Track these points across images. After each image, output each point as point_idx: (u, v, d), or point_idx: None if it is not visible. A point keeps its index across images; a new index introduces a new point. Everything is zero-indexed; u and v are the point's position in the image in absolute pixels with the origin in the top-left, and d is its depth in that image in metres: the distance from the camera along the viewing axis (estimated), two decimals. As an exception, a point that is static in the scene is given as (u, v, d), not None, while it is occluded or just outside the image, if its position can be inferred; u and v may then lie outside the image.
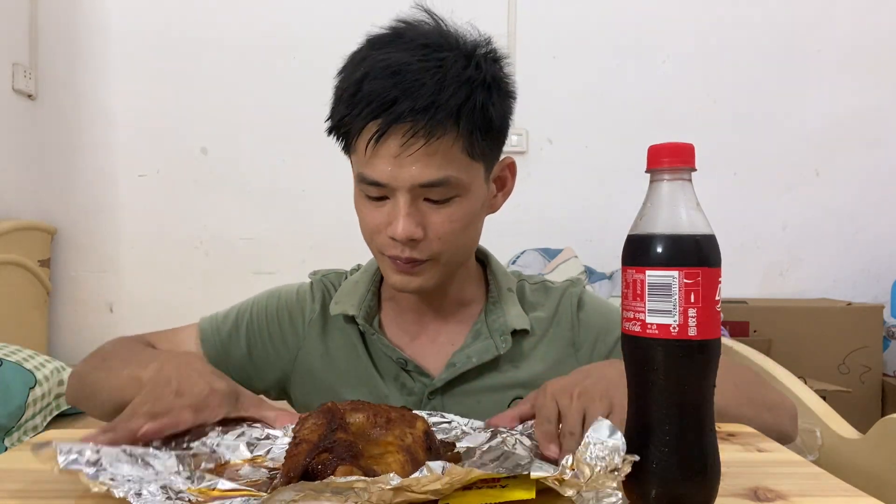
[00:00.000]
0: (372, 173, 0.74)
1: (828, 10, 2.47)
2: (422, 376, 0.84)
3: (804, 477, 0.60)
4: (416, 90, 0.70)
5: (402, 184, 0.73)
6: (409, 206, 0.73)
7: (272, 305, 0.92)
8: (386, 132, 0.71)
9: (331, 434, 0.52)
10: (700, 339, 0.47)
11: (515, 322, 0.85)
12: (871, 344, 2.14)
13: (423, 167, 0.72)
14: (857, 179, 2.49)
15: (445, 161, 0.72)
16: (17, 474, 0.58)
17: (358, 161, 0.76)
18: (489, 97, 0.74)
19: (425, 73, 0.71)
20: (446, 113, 0.71)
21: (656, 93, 2.45)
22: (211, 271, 2.40)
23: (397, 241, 0.74)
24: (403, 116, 0.70)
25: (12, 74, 2.23)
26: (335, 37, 2.50)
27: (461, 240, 0.78)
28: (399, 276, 0.78)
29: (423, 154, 0.71)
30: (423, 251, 0.76)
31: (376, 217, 0.76)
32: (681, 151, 0.49)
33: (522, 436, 0.65)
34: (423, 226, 0.74)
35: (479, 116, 0.73)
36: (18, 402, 1.45)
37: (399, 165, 0.72)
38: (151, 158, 2.42)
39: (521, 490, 0.47)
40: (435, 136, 0.71)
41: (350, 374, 0.86)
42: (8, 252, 2.08)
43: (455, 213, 0.76)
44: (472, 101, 0.72)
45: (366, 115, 0.72)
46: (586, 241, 2.36)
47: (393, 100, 0.70)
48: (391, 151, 0.72)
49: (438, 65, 0.72)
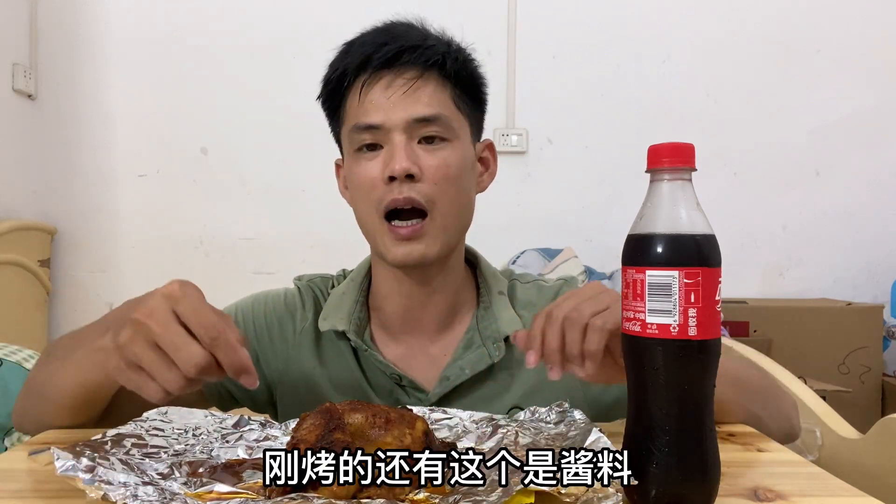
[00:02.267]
0: (366, 118, 0.77)
1: (828, 10, 2.47)
2: (416, 391, 0.82)
3: (804, 477, 0.60)
4: (404, 36, 0.79)
5: (396, 122, 0.76)
6: (405, 143, 0.76)
7: (259, 311, 0.89)
8: (376, 73, 0.77)
9: (328, 434, 0.52)
10: (700, 339, 0.47)
11: (508, 327, 0.83)
12: (871, 344, 2.14)
13: (415, 103, 0.77)
14: (857, 179, 2.49)
15: (435, 100, 0.78)
16: (17, 474, 0.58)
17: (350, 117, 0.80)
18: (466, 59, 0.83)
19: (412, 29, 0.81)
20: (433, 52, 0.78)
21: (656, 93, 2.45)
22: (211, 271, 2.39)
23: (396, 179, 0.75)
24: (392, 55, 0.77)
25: (12, 74, 2.23)
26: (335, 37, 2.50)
27: (454, 194, 0.79)
28: (401, 246, 0.77)
29: (412, 91, 0.77)
30: (421, 193, 0.76)
31: (371, 169, 0.78)
32: (681, 151, 0.49)
33: (523, 428, 0.65)
34: (418, 165, 0.76)
35: (461, 66, 0.81)
36: (18, 402, 1.45)
37: (392, 105, 0.76)
38: (151, 158, 2.42)
39: (520, 493, 0.47)
40: (423, 75, 0.77)
41: (343, 388, 0.84)
42: (8, 252, 2.08)
43: (448, 158, 0.78)
44: (453, 53, 0.80)
45: (358, 60, 0.78)
46: (586, 241, 2.36)
47: (383, 43, 0.78)
48: (383, 92, 0.77)
49: (421, 29, 0.82)
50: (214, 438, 0.63)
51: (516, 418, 0.68)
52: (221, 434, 0.64)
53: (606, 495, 0.45)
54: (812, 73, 2.48)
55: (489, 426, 0.66)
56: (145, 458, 0.56)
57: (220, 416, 0.68)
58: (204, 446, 0.62)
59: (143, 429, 0.62)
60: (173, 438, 0.62)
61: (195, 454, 0.60)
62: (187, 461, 0.58)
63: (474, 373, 0.82)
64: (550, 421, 0.66)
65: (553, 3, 2.45)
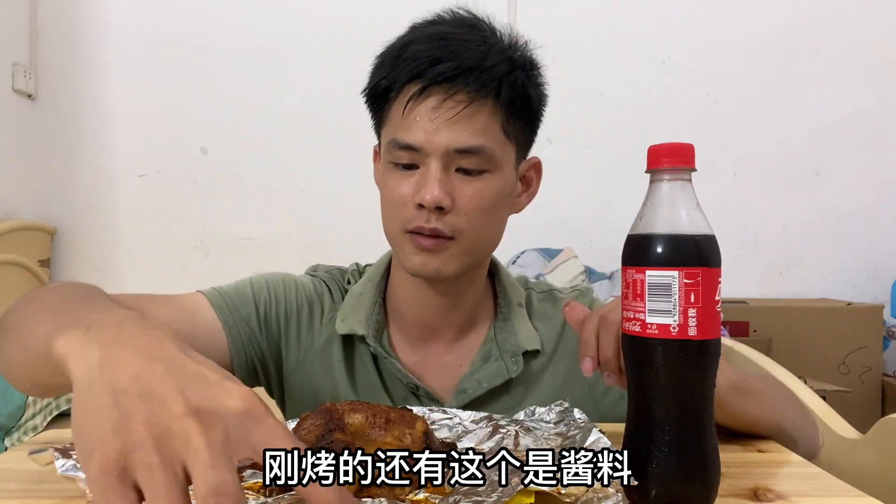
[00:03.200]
0: (406, 136, 0.72)
1: (828, 10, 2.47)
2: (432, 402, 0.81)
3: (804, 477, 0.60)
4: (461, 53, 0.71)
5: (436, 148, 0.71)
6: (441, 172, 0.72)
7: (291, 293, 0.85)
8: (426, 90, 0.71)
9: (328, 434, 0.52)
10: (700, 339, 0.47)
11: (527, 342, 0.82)
12: (871, 344, 2.14)
13: (460, 132, 0.71)
14: (857, 179, 2.49)
15: (482, 130, 0.72)
16: (17, 474, 0.58)
17: (391, 127, 0.75)
18: (528, 78, 0.75)
19: (470, 42, 0.72)
20: (489, 77, 0.71)
21: (656, 93, 2.45)
22: (211, 271, 2.39)
23: (425, 207, 0.71)
24: (446, 75, 0.70)
25: (12, 74, 2.23)
26: (335, 37, 2.50)
27: (485, 224, 0.75)
28: (419, 256, 0.74)
29: (461, 118, 0.71)
30: (448, 224, 0.73)
31: (403, 187, 0.74)
32: (681, 151, 0.49)
33: (523, 428, 0.65)
34: (451, 196, 0.72)
35: (518, 92, 0.74)
36: (18, 402, 1.45)
37: (435, 129, 0.71)
38: (151, 158, 2.42)
39: (520, 493, 0.47)
40: (475, 100, 0.71)
41: (359, 389, 0.82)
42: (8, 252, 2.08)
43: (484, 190, 0.74)
44: (513, 76, 0.73)
45: (408, 73, 0.71)
46: (586, 241, 2.36)
47: (437, 59, 0.70)
48: (429, 113, 0.71)
49: (483, 38, 0.73)
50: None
51: (516, 418, 0.68)
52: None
53: (606, 495, 0.45)
54: (812, 73, 2.47)
55: (489, 426, 0.66)
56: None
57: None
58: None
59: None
60: None
61: None
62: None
63: (491, 387, 0.80)
64: (550, 421, 0.67)
65: (553, 4, 2.45)
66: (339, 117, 2.33)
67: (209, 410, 0.35)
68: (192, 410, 0.35)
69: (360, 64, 0.81)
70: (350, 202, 2.39)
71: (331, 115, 2.31)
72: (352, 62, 2.40)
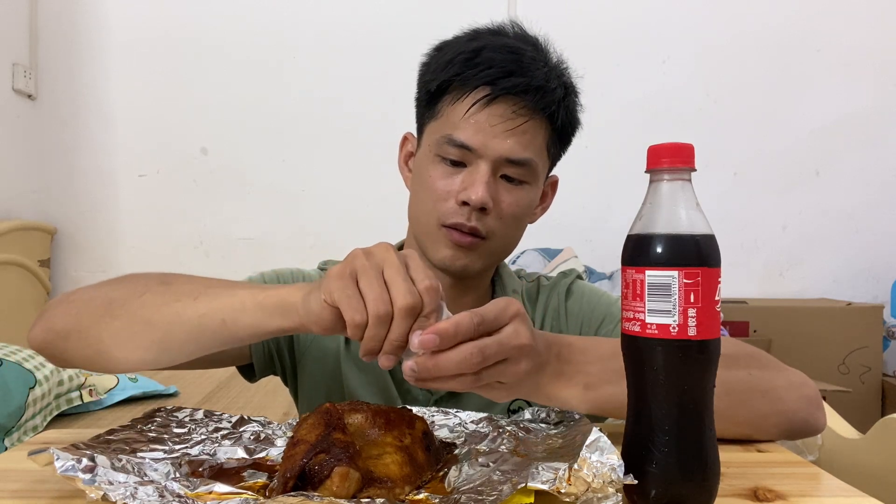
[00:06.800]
0: (462, 136, 0.76)
1: (828, 10, 2.47)
2: (427, 390, 0.82)
3: (804, 477, 0.60)
4: (531, 71, 0.76)
5: (490, 153, 0.76)
6: (489, 175, 0.76)
7: (300, 281, 0.87)
8: (495, 99, 0.75)
9: (329, 434, 0.52)
10: (700, 339, 0.47)
11: None
12: (871, 344, 2.14)
13: (516, 143, 0.76)
14: (857, 179, 2.49)
15: (532, 144, 0.78)
16: (17, 474, 0.58)
17: (447, 123, 0.78)
18: (575, 105, 0.83)
19: (537, 62, 0.78)
20: (551, 100, 0.77)
21: (656, 93, 2.45)
22: (211, 271, 2.38)
23: (470, 205, 0.75)
24: (518, 89, 0.75)
25: (12, 74, 2.23)
26: (335, 38, 2.49)
27: (513, 230, 0.81)
28: (451, 250, 0.78)
29: (518, 130, 0.76)
30: (485, 225, 0.77)
31: (448, 183, 0.77)
32: (680, 151, 0.49)
33: (523, 428, 0.65)
34: (494, 200, 0.77)
35: (569, 117, 0.81)
36: (18, 402, 1.45)
37: (493, 135, 0.75)
38: (151, 158, 2.42)
39: (520, 493, 0.47)
40: (534, 118, 0.76)
41: (365, 371, 0.84)
42: (8, 252, 2.08)
43: (522, 199, 0.79)
44: (567, 101, 0.81)
45: (481, 78, 0.75)
46: (586, 241, 2.36)
47: (510, 72, 0.75)
48: (491, 119, 0.75)
49: (545, 60, 0.80)
50: (214, 438, 0.63)
51: (516, 419, 0.68)
52: (221, 434, 0.64)
53: (606, 495, 0.45)
54: (812, 73, 2.48)
55: (489, 426, 0.66)
56: (145, 458, 0.56)
57: (221, 415, 0.68)
58: (204, 446, 0.62)
59: (144, 429, 0.62)
60: (173, 438, 0.62)
61: (195, 454, 0.60)
62: (187, 461, 0.58)
63: None
64: (550, 421, 0.66)
65: (553, 4, 2.45)
66: (339, 117, 2.34)
67: (391, 260, 0.53)
68: (382, 258, 0.54)
69: (359, 64, 0.82)
70: (350, 202, 2.40)
71: (330, 115, 2.31)
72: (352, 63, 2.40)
